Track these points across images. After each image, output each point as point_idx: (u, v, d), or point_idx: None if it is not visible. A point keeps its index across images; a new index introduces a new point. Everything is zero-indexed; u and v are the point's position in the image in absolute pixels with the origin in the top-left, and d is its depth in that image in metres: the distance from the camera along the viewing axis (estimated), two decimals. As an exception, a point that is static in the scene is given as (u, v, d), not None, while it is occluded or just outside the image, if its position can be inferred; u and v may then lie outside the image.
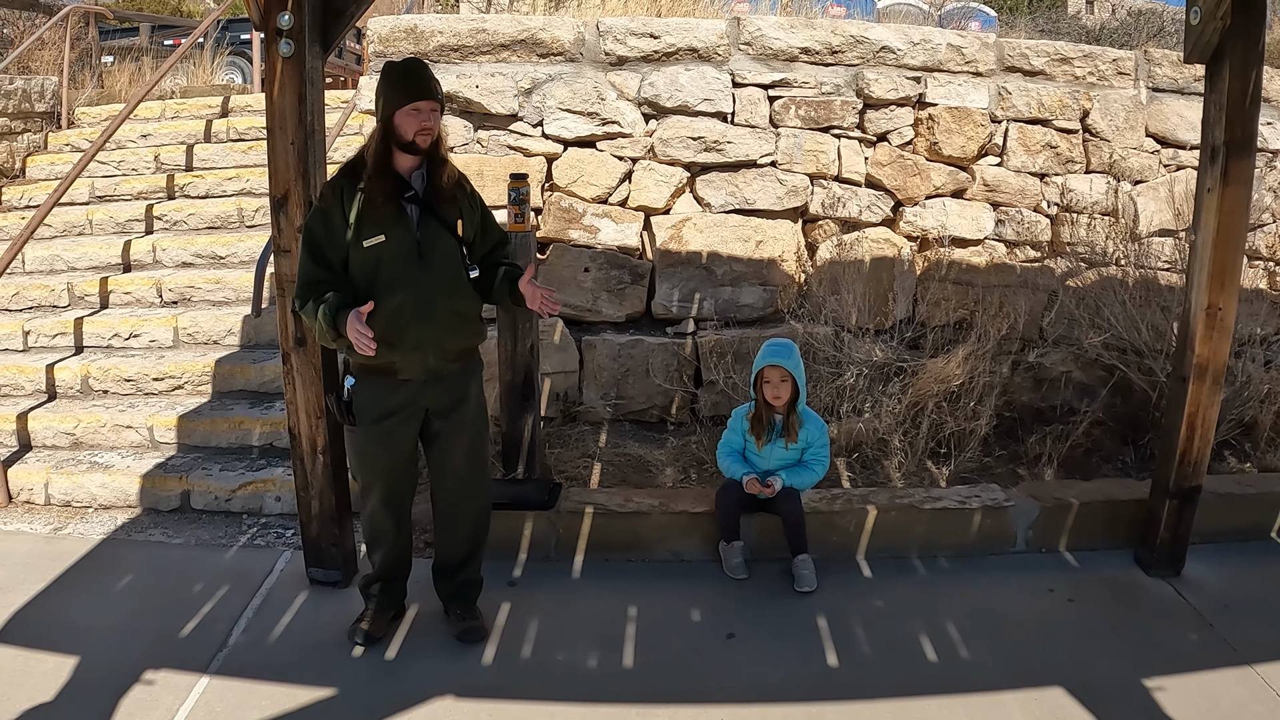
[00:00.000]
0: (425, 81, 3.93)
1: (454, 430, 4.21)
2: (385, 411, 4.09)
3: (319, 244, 3.96)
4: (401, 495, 4.31)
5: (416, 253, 3.94)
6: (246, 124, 9.33)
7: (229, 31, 14.59)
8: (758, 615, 4.58)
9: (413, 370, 4.04)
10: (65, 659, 4.17)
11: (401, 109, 3.88)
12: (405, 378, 4.05)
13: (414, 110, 3.88)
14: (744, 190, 7.34)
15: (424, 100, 3.90)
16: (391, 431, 4.12)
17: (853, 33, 7.40)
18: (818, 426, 5.08)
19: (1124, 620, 4.54)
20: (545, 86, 7.24)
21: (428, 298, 3.95)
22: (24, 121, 9.46)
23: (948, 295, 7.22)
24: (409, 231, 3.95)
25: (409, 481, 4.33)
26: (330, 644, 4.31)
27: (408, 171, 4.00)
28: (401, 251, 3.93)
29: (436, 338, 4.00)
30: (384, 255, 3.93)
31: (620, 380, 7.10)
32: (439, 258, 3.98)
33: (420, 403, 4.12)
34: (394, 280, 3.93)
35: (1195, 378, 4.73)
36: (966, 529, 5.20)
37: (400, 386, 4.07)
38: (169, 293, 7.42)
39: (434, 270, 3.96)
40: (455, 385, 4.17)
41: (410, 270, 3.94)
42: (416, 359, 4.01)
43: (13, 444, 6.29)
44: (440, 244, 3.98)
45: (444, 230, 4.00)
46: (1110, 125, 7.74)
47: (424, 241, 3.96)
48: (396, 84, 3.93)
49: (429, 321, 3.96)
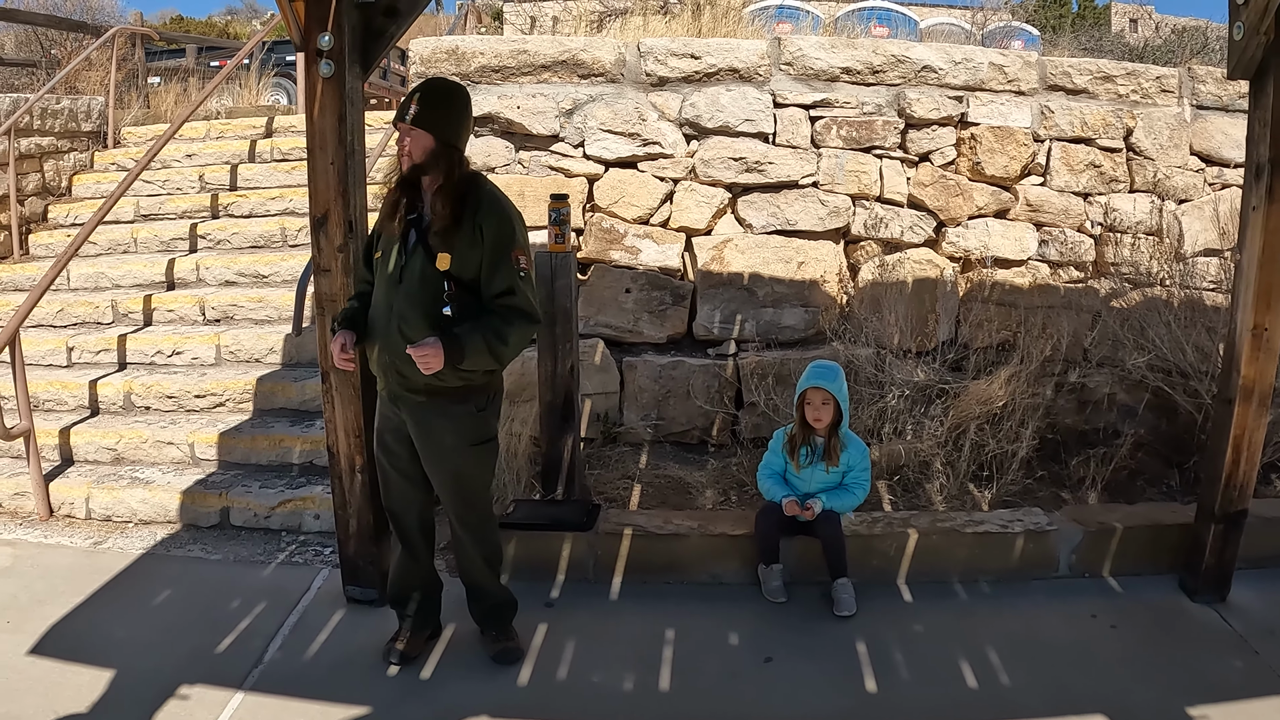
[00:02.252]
0: (407, 102, 3.91)
1: (431, 463, 4.13)
2: (384, 420, 4.20)
3: (367, 251, 4.21)
4: (396, 507, 4.30)
5: (397, 276, 3.93)
6: (290, 144, 9.41)
7: (274, 53, 14.74)
8: (796, 639, 4.53)
9: (382, 385, 4.11)
10: (102, 672, 4.20)
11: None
12: (380, 392, 4.15)
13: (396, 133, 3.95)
14: (785, 211, 7.31)
15: (399, 122, 3.91)
16: (384, 438, 4.20)
17: (894, 52, 7.36)
18: (859, 450, 5.03)
19: (1167, 647, 4.45)
20: (586, 107, 7.24)
21: (393, 322, 3.91)
22: (70, 141, 9.60)
23: (990, 316, 7.15)
24: (400, 254, 3.94)
25: (408, 495, 4.27)
26: (365, 662, 4.30)
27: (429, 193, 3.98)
28: (387, 271, 3.97)
29: (393, 363, 3.94)
30: (379, 270, 4.03)
31: (661, 401, 7.07)
32: (414, 285, 3.89)
33: (400, 419, 4.10)
34: (378, 297, 4.03)
35: (1241, 399, 4.65)
36: (1008, 553, 5.12)
37: (386, 400, 4.13)
38: (212, 311, 7.49)
39: (405, 296, 3.90)
40: (429, 420, 4.03)
41: (388, 291, 3.96)
42: (381, 377, 4.07)
43: (55, 458, 6.35)
44: (419, 273, 3.89)
45: (426, 260, 3.89)
46: (1154, 143, 7.66)
47: (406, 266, 3.92)
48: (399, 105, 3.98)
49: (389, 345, 3.93)
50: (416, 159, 3.89)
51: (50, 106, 9.30)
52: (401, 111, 3.89)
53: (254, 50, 12.38)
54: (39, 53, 12.98)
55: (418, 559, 4.36)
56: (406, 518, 4.31)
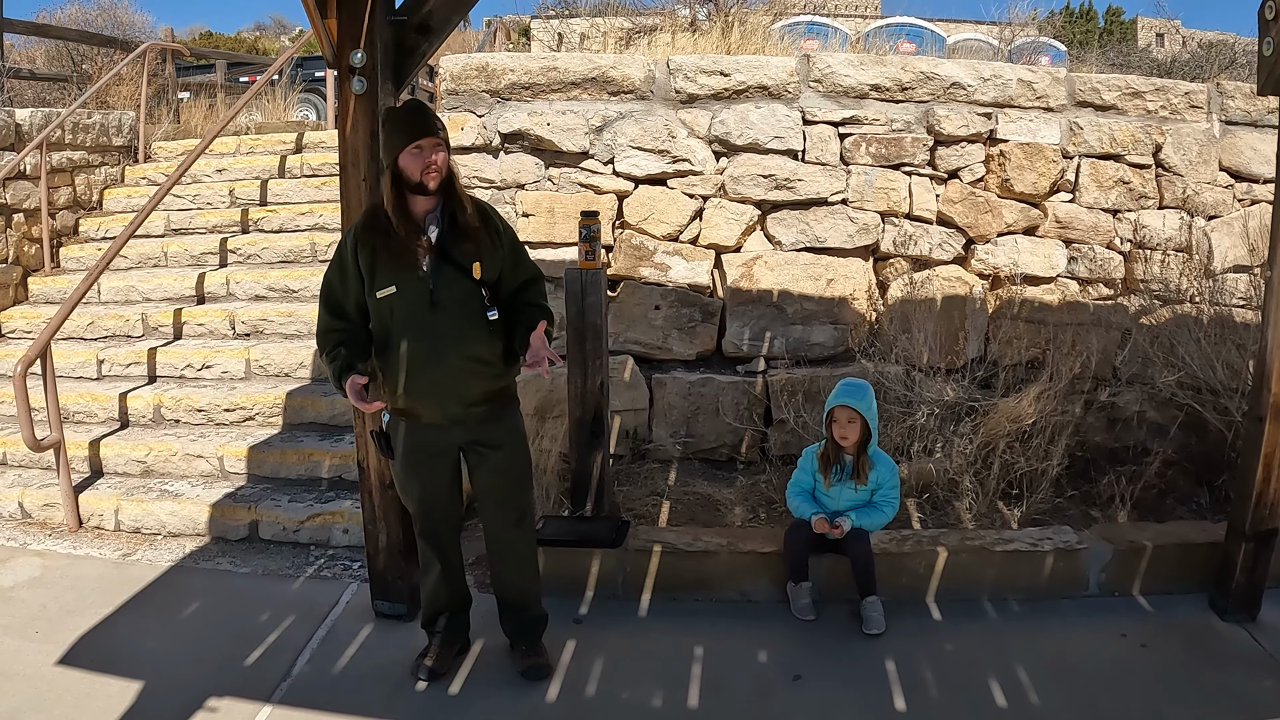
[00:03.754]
0: (424, 119, 3.89)
1: (488, 468, 4.17)
2: (413, 446, 4.12)
3: (334, 294, 4.04)
4: (440, 528, 4.30)
5: (429, 301, 3.89)
6: (320, 160, 9.47)
7: (303, 69, 14.83)
8: (825, 657, 4.51)
9: (433, 415, 4.04)
10: (130, 683, 4.22)
11: (404, 150, 3.85)
12: (429, 421, 4.06)
13: (416, 150, 3.84)
14: (815, 228, 7.30)
15: (425, 138, 3.85)
16: (423, 464, 4.14)
17: (923, 69, 7.35)
18: (888, 468, 5.01)
19: (1198, 666, 4.42)
20: (616, 124, 7.26)
21: (441, 346, 3.90)
22: (102, 155, 9.68)
23: (1020, 334, 7.11)
24: (421, 279, 3.91)
25: (447, 515, 4.30)
26: (394, 677, 4.31)
27: (423, 215, 3.95)
28: (414, 301, 3.90)
29: (453, 385, 3.96)
30: (397, 305, 3.93)
31: (690, 418, 7.07)
32: (453, 304, 3.91)
33: (450, 440, 4.11)
34: (407, 328, 3.93)
35: (1272, 417, 4.61)
36: (1038, 572, 5.09)
37: (425, 428, 4.07)
38: (242, 325, 7.54)
39: (448, 318, 3.90)
40: (485, 425, 4.10)
41: (423, 318, 3.91)
42: (435, 407, 4.01)
43: (84, 470, 6.40)
44: (455, 290, 3.91)
45: (460, 275, 3.92)
46: (1183, 159, 7.62)
47: (437, 289, 3.90)
48: (396, 127, 3.90)
49: (443, 369, 3.92)
50: (444, 174, 3.92)
51: (81, 121, 9.38)
52: (424, 127, 3.87)
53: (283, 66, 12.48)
54: (70, 68, 13.10)
55: (451, 578, 4.37)
56: (445, 536, 4.31)
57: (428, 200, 3.93)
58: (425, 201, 3.94)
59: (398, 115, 3.95)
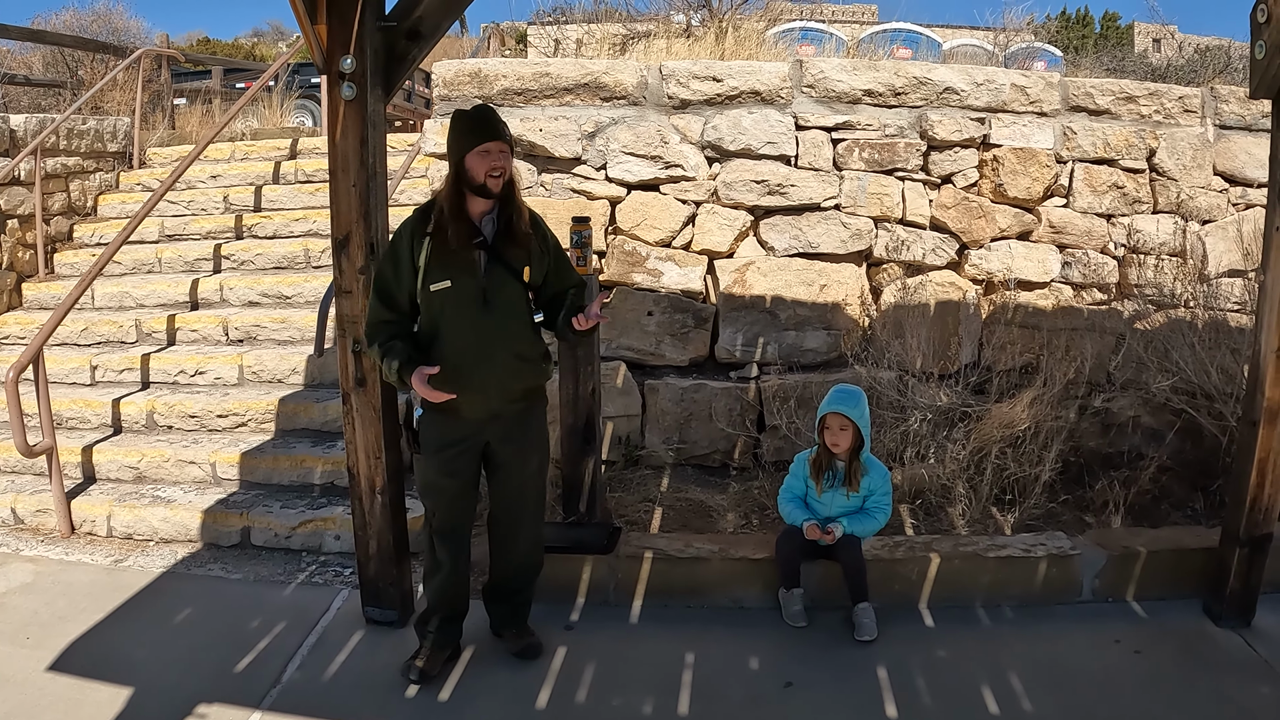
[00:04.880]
0: (493, 124, 4.03)
1: (515, 457, 4.29)
2: (448, 442, 4.19)
3: (388, 286, 4.11)
4: (459, 524, 4.33)
5: (482, 299, 4.02)
6: (314, 166, 9.48)
7: (299, 75, 14.81)
8: (817, 664, 4.50)
9: (475, 410, 4.12)
10: (120, 689, 4.22)
11: (471, 151, 3.97)
12: (468, 416, 4.13)
13: (484, 152, 3.97)
14: (808, 234, 7.30)
15: (492, 141, 3.98)
16: (454, 460, 4.21)
17: (916, 74, 7.35)
18: (880, 475, 5.01)
19: (1192, 673, 4.40)
20: (608, 130, 7.26)
21: (490, 343, 4.03)
22: (96, 161, 9.68)
23: (1013, 339, 7.11)
24: (475, 278, 4.03)
25: (467, 511, 4.36)
26: (384, 683, 4.30)
27: (479, 216, 4.08)
28: (467, 297, 4.02)
29: (499, 381, 4.09)
30: (449, 300, 4.03)
31: (683, 424, 7.06)
32: (503, 304, 4.06)
33: (482, 436, 4.20)
34: (458, 324, 4.04)
35: (1266, 422, 4.60)
36: (1031, 578, 5.08)
37: (463, 422, 4.15)
38: (235, 331, 7.53)
39: (497, 316, 4.04)
40: (519, 419, 4.25)
41: (474, 316, 4.02)
42: (479, 401, 4.10)
43: (77, 476, 6.39)
44: (505, 291, 4.07)
45: (510, 277, 4.08)
46: (1177, 164, 7.63)
47: (489, 288, 4.04)
48: (466, 128, 4.03)
49: (491, 366, 4.04)
50: (508, 177, 4.06)
51: (76, 127, 9.38)
52: (491, 131, 4.01)
53: (279, 72, 12.47)
54: (66, 73, 13.11)
55: (463, 577, 4.41)
56: (462, 531, 4.36)
57: (485, 203, 4.07)
58: (483, 203, 4.07)
59: (467, 117, 4.08)
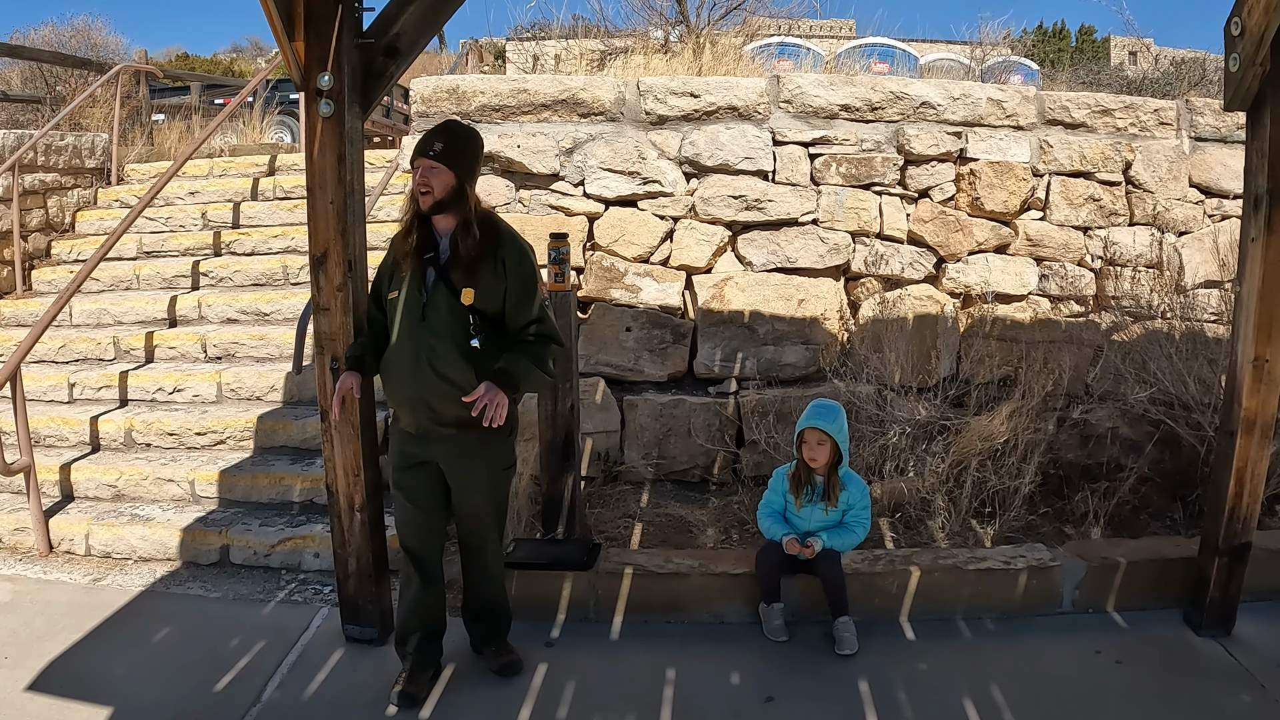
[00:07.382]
0: (429, 140, 4.02)
1: (460, 490, 4.25)
2: (403, 457, 4.24)
3: (379, 284, 4.27)
4: (419, 542, 4.31)
5: (420, 314, 4.03)
6: (293, 182, 9.44)
7: (278, 91, 14.79)
8: (798, 678, 4.50)
9: (408, 423, 4.17)
10: (99, 709, 4.19)
11: (414, 167, 4.03)
12: (405, 429, 4.19)
13: (416, 168, 4.01)
14: (786, 249, 7.32)
15: (421, 158, 3.99)
16: (408, 476, 4.24)
17: (892, 89, 7.39)
18: (859, 489, 5.02)
19: (1174, 682, 4.43)
20: (586, 146, 7.27)
21: (419, 358, 4.02)
22: (74, 177, 9.64)
23: (992, 352, 7.13)
24: (419, 292, 4.05)
25: (429, 529, 4.32)
26: (364, 702, 4.28)
27: (444, 232, 4.09)
28: (409, 310, 4.06)
29: (423, 399, 4.05)
30: (398, 310, 4.09)
31: (662, 440, 7.07)
32: (440, 322, 4.02)
33: (429, 455, 4.18)
34: (400, 335, 4.09)
35: (1243, 431, 4.64)
36: (1012, 590, 5.10)
37: (408, 436, 4.20)
38: (213, 348, 7.50)
39: (432, 334, 4.01)
40: (462, 451, 4.17)
41: (412, 329, 4.05)
42: (408, 413, 4.14)
43: (55, 494, 6.34)
44: (442, 310, 4.02)
45: (451, 296, 4.02)
46: (1153, 176, 7.68)
47: (429, 304, 4.03)
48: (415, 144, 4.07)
49: (417, 381, 4.03)
50: (439, 195, 4.00)
51: (54, 143, 9.34)
52: (424, 148, 4.00)
53: (258, 88, 12.45)
54: (44, 89, 13.07)
55: (431, 594, 4.37)
56: (426, 551, 4.33)
57: (447, 219, 4.07)
58: (445, 220, 4.08)
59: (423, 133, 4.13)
